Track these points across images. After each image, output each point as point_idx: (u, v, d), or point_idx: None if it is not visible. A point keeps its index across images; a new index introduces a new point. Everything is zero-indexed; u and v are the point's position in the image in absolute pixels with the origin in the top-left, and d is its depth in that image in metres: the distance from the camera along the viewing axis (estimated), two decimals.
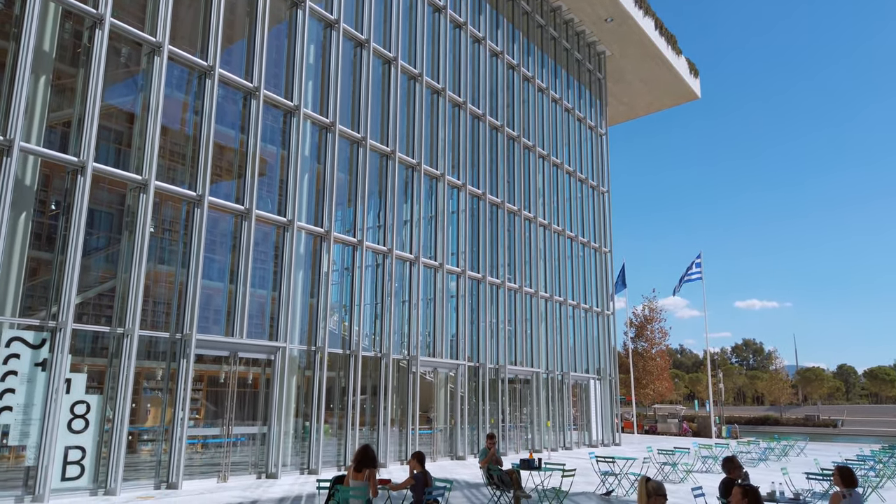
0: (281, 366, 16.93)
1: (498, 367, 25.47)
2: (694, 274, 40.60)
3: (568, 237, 31.43)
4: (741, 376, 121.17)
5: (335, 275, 19.97)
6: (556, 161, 31.27)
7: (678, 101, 39.64)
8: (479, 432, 23.55)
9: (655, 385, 57.11)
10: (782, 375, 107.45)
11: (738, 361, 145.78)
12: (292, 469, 17.18)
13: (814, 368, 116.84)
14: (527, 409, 27.30)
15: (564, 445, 28.61)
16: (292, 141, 18.57)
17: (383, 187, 21.78)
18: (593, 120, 35.02)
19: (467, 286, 24.52)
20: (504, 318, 26.33)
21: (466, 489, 14.78)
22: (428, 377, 23.03)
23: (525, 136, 29.32)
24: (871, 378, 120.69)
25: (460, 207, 25.06)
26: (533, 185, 29.43)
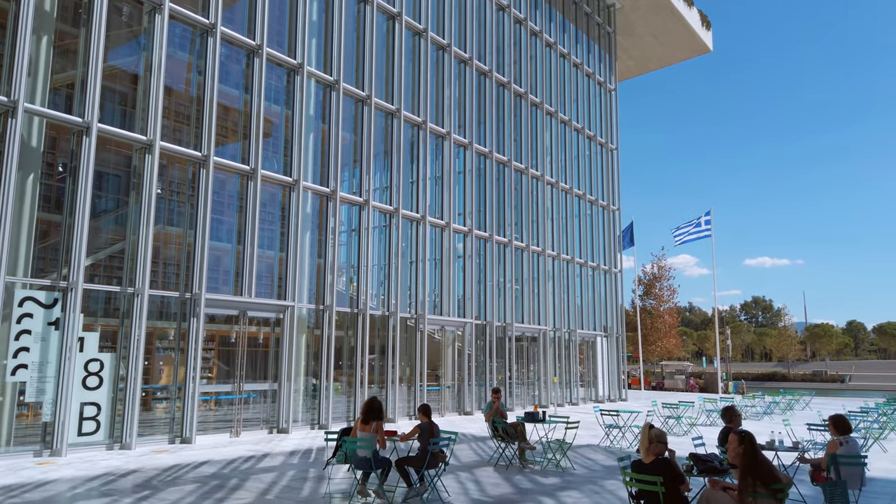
0: (290, 325, 17.17)
1: (505, 326, 25.71)
2: (703, 231, 40.40)
3: (576, 195, 31.29)
4: (750, 333, 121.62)
5: (342, 235, 20.08)
6: (564, 118, 30.92)
7: (690, 54, 38.86)
8: (487, 389, 23.91)
9: (663, 342, 57.47)
10: (791, 332, 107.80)
11: (748, 319, 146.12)
12: (303, 424, 17.59)
13: (823, 325, 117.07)
14: (534, 366, 27.64)
15: (571, 401, 29.03)
16: (296, 100, 18.45)
17: (389, 146, 21.68)
18: (602, 75, 34.47)
19: (474, 245, 24.58)
20: (511, 277, 26.45)
21: (473, 442, 15.12)
22: (436, 336, 23.31)
23: (532, 92, 28.95)
24: (880, 334, 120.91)
25: (467, 166, 24.94)
26: (540, 143, 29.18)
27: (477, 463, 12.02)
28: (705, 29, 37.32)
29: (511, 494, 9.24)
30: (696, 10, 36.62)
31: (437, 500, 8.65)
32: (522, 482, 10.17)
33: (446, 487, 9.39)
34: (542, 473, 10.98)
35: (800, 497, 8.82)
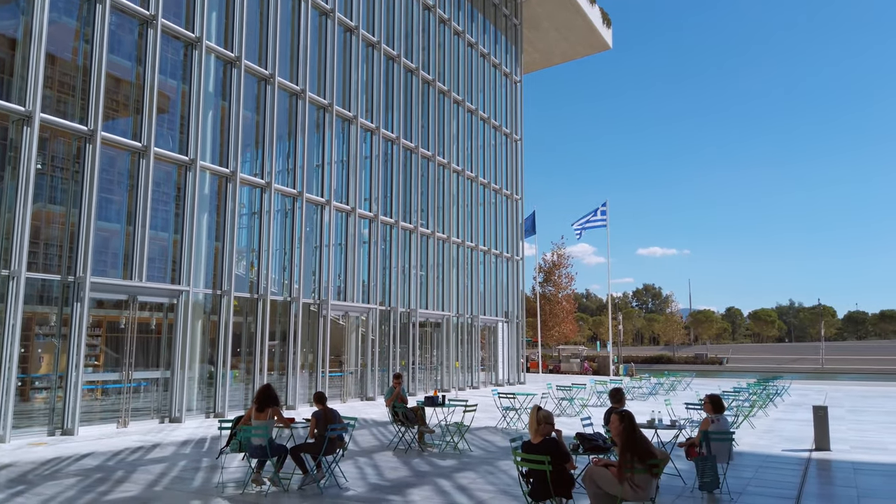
0: (184, 310, 16.52)
1: (409, 311, 25.89)
2: (599, 221, 42.23)
3: (481, 184, 31.83)
4: (640, 319, 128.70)
5: (243, 218, 19.47)
6: (471, 107, 31.31)
7: (591, 50, 40.28)
8: (390, 374, 24.03)
9: (561, 327, 59.73)
10: (677, 318, 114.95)
11: (639, 305, 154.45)
12: (198, 413, 17.02)
13: (705, 311, 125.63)
14: (437, 351, 28.03)
15: (472, 385, 29.70)
16: (194, 75, 17.63)
17: (293, 128, 21.17)
18: (509, 67, 35.12)
19: (380, 231, 24.52)
20: (416, 263, 26.63)
21: (373, 427, 15.20)
22: (340, 321, 23.14)
23: (440, 80, 29.10)
24: (754, 319, 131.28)
25: (374, 151, 24.78)
26: (448, 131, 29.42)
27: (376, 448, 12.12)
28: (606, 26, 38.80)
29: (409, 477, 9.40)
30: (597, 8, 37.97)
31: (335, 486, 8.68)
32: (421, 465, 10.37)
33: (344, 473, 9.43)
34: (441, 456, 11.23)
35: (675, 471, 9.52)
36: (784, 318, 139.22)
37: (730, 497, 8.31)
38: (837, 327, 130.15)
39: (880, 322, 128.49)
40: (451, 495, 8.32)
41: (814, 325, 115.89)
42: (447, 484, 8.99)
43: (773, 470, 10.33)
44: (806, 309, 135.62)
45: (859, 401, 24.53)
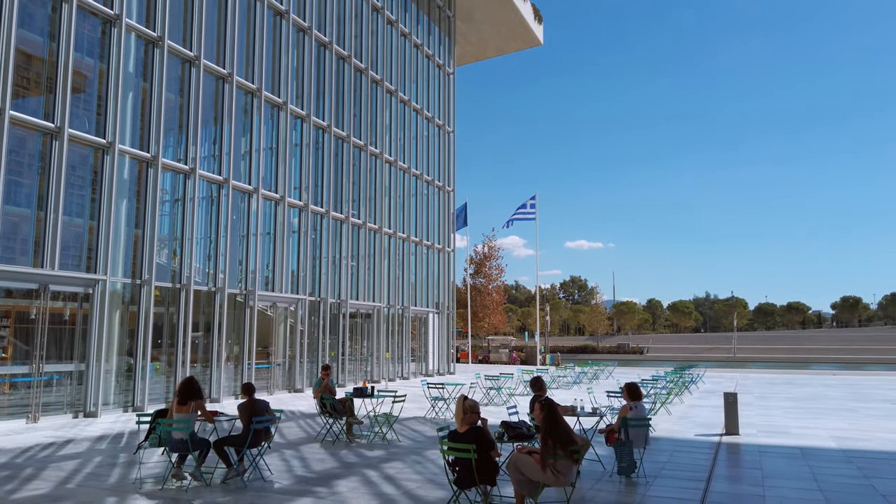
0: (101, 300, 15.80)
1: (339, 302, 25.66)
2: (528, 214, 43.02)
3: (413, 175, 31.80)
4: (567, 310, 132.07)
5: (165, 205, 18.75)
6: (404, 97, 31.19)
7: (523, 45, 40.83)
8: (319, 366, 23.77)
9: (491, 318, 60.57)
10: (601, 309, 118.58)
11: (566, 297, 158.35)
12: (115, 408, 16.35)
13: (627, 302, 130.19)
14: (367, 342, 27.92)
15: (402, 376, 29.76)
16: (113, 54, 16.80)
17: (219, 113, 20.53)
18: (442, 58, 35.16)
19: (310, 220, 24.14)
20: (347, 254, 26.40)
21: (301, 419, 15.03)
22: (267, 312, 22.69)
23: (373, 69, 28.83)
24: (673, 311, 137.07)
25: (304, 139, 24.34)
26: (380, 121, 29.22)
27: (304, 440, 12.00)
28: (537, 22, 39.41)
29: (336, 469, 9.37)
30: (529, 4, 38.50)
31: (259, 479, 8.55)
32: (348, 456, 10.35)
33: (269, 466, 9.30)
34: (369, 447, 11.23)
35: (596, 457, 9.88)
36: (700, 309, 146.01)
37: (645, 480, 8.69)
38: (749, 318, 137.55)
39: (787, 313, 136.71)
40: (378, 485, 8.35)
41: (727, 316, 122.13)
42: (375, 474, 9.02)
43: (686, 454, 10.87)
44: (720, 301, 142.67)
45: (767, 388, 26.07)
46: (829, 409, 18.17)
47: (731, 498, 7.83)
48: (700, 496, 7.87)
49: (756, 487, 8.36)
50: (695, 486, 8.43)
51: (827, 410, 17.71)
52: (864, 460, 10.35)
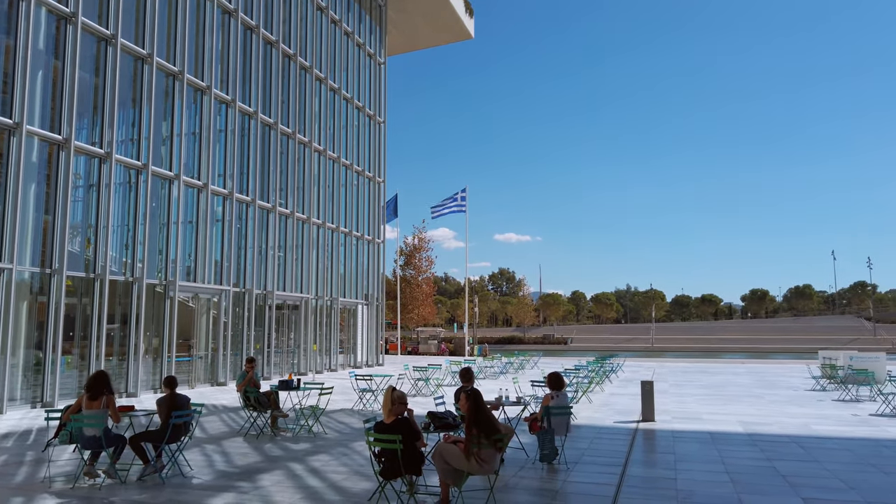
0: (5, 290, 14.88)
1: (266, 293, 25.12)
2: (458, 206, 43.30)
3: (343, 164, 31.42)
4: (495, 302, 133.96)
5: (78, 190, 17.81)
6: (334, 86, 30.73)
7: (454, 38, 40.91)
8: (243, 358, 23.23)
9: (420, 310, 60.77)
10: (528, 301, 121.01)
11: (494, 288, 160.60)
12: (22, 403, 15.47)
13: (553, 294, 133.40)
14: (294, 334, 27.47)
15: (330, 368, 29.47)
16: (21, 29, 15.77)
17: (138, 95, 19.63)
18: (373, 47, 34.82)
19: (235, 209, 23.48)
20: (274, 244, 25.84)
21: (224, 413, 14.67)
22: (189, 303, 21.95)
23: (302, 55, 28.25)
24: (596, 302, 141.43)
25: (229, 125, 23.62)
26: (309, 109, 28.69)
27: (226, 434, 11.72)
28: (468, 16, 39.59)
29: (259, 463, 9.21)
30: None
31: (178, 476, 8.31)
32: (273, 450, 10.19)
33: (189, 462, 9.04)
34: (294, 440, 11.09)
35: (520, 445, 10.12)
36: (621, 301, 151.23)
37: (566, 466, 8.98)
38: (666, 310, 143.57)
39: (701, 305, 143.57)
40: (302, 478, 8.27)
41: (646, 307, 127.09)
42: (300, 467, 8.93)
43: (605, 440, 11.30)
44: (640, 293, 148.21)
45: (682, 376, 27.35)
46: (737, 395, 19.25)
47: (645, 482, 8.20)
48: (617, 481, 8.21)
49: (669, 471, 8.79)
50: (612, 471, 8.78)
51: (735, 397, 18.76)
52: (767, 443, 11.05)
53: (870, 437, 11.73)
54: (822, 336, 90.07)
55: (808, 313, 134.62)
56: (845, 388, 19.59)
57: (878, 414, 14.78)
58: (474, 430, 6.43)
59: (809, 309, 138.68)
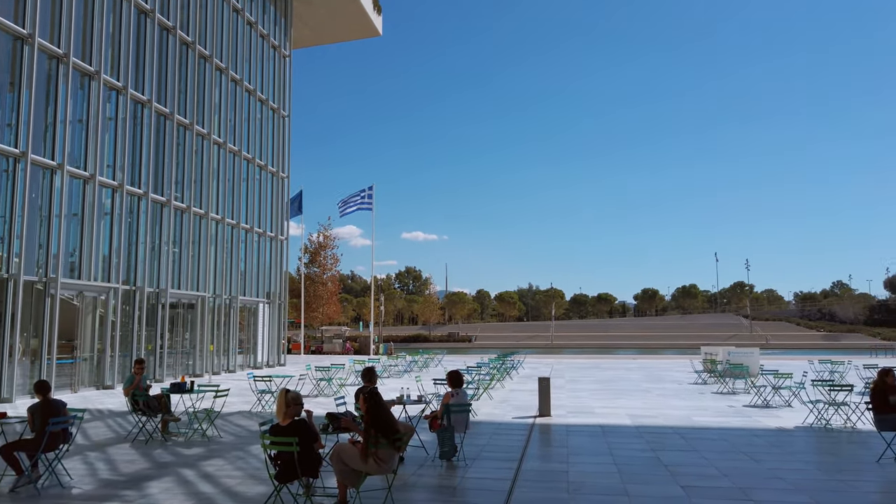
0: None
1: (159, 291, 23.93)
2: (365, 204, 43.03)
3: (245, 158, 30.43)
4: (401, 300, 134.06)
5: None
6: (236, 76, 29.70)
7: (362, 34, 40.61)
8: (133, 360, 22.02)
9: (325, 308, 59.89)
10: (434, 299, 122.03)
11: (401, 287, 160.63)
12: None
13: (459, 293, 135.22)
14: (189, 334, 26.34)
15: (229, 369, 28.49)
16: None
17: (17, 77, 18.18)
18: (277, 39, 33.93)
19: (125, 202, 22.22)
20: (169, 240, 24.66)
21: (110, 418, 13.85)
22: (73, 301, 20.55)
23: (202, 44, 27.11)
24: (500, 301, 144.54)
25: (119, 114, 22.30)
26: (209, 100, 27.58)
27: (112, 441, 11.09)
28: (376, 13, 39.40)
29: (147, 470, 8.78)
30: None
31: (56, 486, 7.79)
32: (163, 456, 9.75)
33: (69, 471, 8.49)
34: (187, 445, 10.66)
35: (420, 443, 10.21)
36: (524, 299, 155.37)
37: (465, 463, 9.16)
38: (565, 308, 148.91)
39: (598, 303, 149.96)
40: (194, 484, 7.97)
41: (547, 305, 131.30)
42: (191, 473, 8.59)
43: (504, 436, 11.61)
44: (541, 292, 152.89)
45: (577, 371, 28.50)
46: (627, 389, 20.30)
47: (539, 475, 8.50)
48: (513, 475, 8.46)
49: (561, 464, 9.15)
50: (509, 465, 9.04)
51: (625, 391, 19.78)
52: (652, 435, 11.73)
53: (743, 426, 12.71)
54: (705, 333, 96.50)
55: (694, 311, 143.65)
56: (723, 382, 21.11)
57: (751, 405, 16.03)
58: (372, 431, 6.44)
59: (694, 307, 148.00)
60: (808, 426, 12.62)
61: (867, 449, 10.31)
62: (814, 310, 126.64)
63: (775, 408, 15.39)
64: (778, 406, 15.65)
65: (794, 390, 16.20)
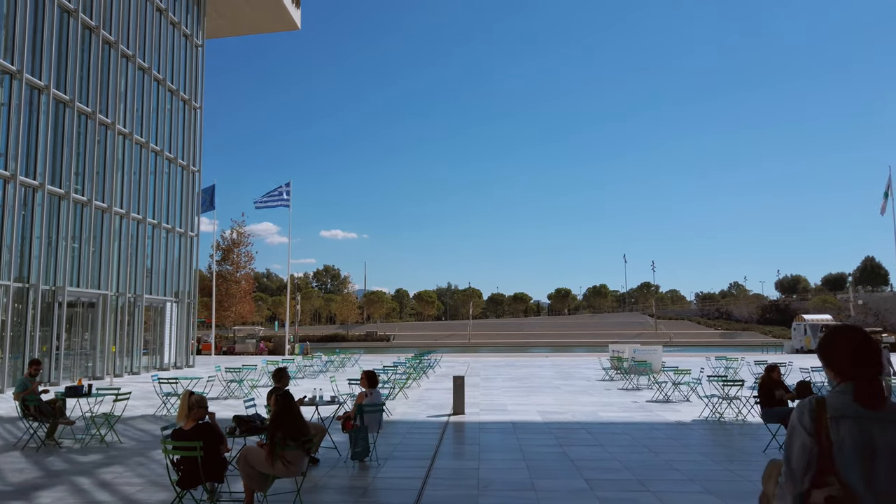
0: None
1: (55, 289, 22.51)
2: (282, 201, 42.10)
3: (153, 150, 29.09)
4: (319, 299, 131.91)
5: None
6: (144, 65, 28.35)
7: (280, 27, 39.67)
8: (26, 362, 20.62)
9: (238, 307, 58.17)
10: (352, 298, 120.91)
11: (318, 286, 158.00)
12: None
13: (378, 292, 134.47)
14: (90, 334, 24.92)
15: (132, 371, 27.17)
16: None
17: None
18: (190, 28, 32.64)
19: (18, 194, 20.76)
20: (67, 235, 23.24)
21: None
22: None
23: (106, 29, 25.71)
24: (418, 300, 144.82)
25: (13, 99, 20.83)
26: (114, 88, 26.19)
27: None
28: (294, 6, 38.60)
29: (38, 479, 8.27)
30: None
31: None
32: (56, 463, 9.20)
33: None
34: (83, 451, 10.10)
35: (332, 444, 10.13)
36: (442, 298, 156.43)
37: (378, 463, 9.16)
38: (483, 307, 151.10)
39: (514, 303, 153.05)
40: (90, 493, 7.58)
41: (465, 305, 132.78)
42: (87, 481, 8.16)
43: (417, 434, 11.68)
44: (460, 291, 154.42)
45: (492, 370, 29.02)
46: (539, 386, 20.87)
47: (450, 472, 8.62)
48: (424, 474, 8.54)
49: (472, 461, 9.32)
50: (421, 464, 9.12)
51: (537, 388, 20.32)
52: (560, 431, 12.13)
53: (645, 421, 13.35)
54: (614, 331, 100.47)
55: (604, 310, 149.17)
56: (628, 378, 22.08)
57: (653, 400, 16.86)
58: (280, 433, 6.34)
59: (605, 306, 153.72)
60: (704, 419, 13.41)
61: (755, 440, 11.08)
62: (713, 309, 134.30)
63: (675, 402, 16.25)
64: (677, 401, 16.53)
65: (692, 386, 17.15)
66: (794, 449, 2.47)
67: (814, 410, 2.45)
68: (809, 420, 2.45)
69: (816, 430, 2.42)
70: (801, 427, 2.46)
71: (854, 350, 2.51)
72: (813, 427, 2.43)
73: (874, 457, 2.35)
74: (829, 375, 2.60)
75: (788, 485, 2.47)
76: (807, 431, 2.44)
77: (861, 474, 2.34)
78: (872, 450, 2.36)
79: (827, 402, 2.46)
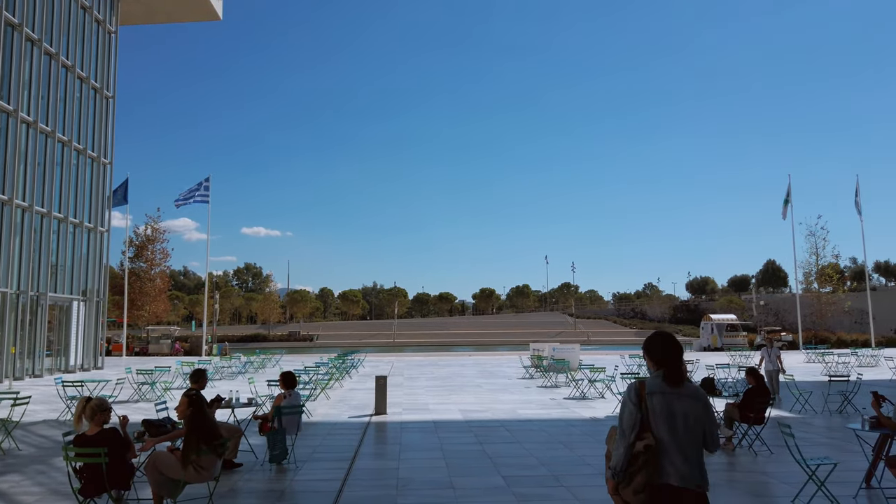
0: None
1: None
2: (200, 196, 40.67)
3: (60, 141, 27.49)
4: (239, 298, 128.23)
5: None
6: (51, 50, 26.75)
7: (199, 17, 38.24)
8: None
9: (152, 306, 55.77)
10: (275, 297, 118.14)
11: (239, 284, 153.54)
12: None
13: (301, 291, 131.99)
14: None
15: (34, 373, 25.60)
16: None
17: None
18: (102, 13, 31.04)
19: None
20: None
21: None
22: None
23: (9, 10, 24.10)
24: (343, 299, 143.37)
25: None
26: (17, 74, 24.59)
27: None
28: None
29: None
30: None
31: None
32: None
33: None
34: None
35: (248, 447, 9.89)
36: (367, 297, 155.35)
37: (296, 465, 9.03)
38: (408, 306, 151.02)
39: (439, 302, 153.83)
40: None
41: (390, 304, 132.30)
42: None
43: (338, 435, 11.59)
44: (385, 290, 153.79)
45: (416, 369, 29.10)
46: (461, 385, 21.10)
47: (370, 473, 8.62)
48: (343, 475, 8.49)
49: (393, 461, 9.34)
50: (341, 465, 9.06)
51: (460, 387, 20.55)
52: (481, 429, 12.32)
53: (562, 418, 13.75)
54: (535, 330, 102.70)
55: (526, 310, 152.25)
56: (547, 376, 22.65)
57: (570, 397, 17.38)
58: (193, 437, 6.16)
59: (527, 306, 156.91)
60: (617, 415, 13.93)
61: None
62: (628, 309, 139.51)
63: (591, 399, 16.81)
64: (593, 398, 17.11)
65: (606, 383, 17.78)
66: (624, 415, 3.49)
67: (637, 389, 3.48)
68: (635, 395, 3.48)
69: (639, 401, 3.45)
70: (629, 400, 3.49)
71: (664, 347, 3.52)
72: (637, 400, 3.45)
73: (674, 418, 3.39)
74: (649, 364, 3.60)
75: (621, 440, 3.45)
76: (633, 403, 3.46)
77: (666, 430, 3.38)
78: (673, 414, 3.39)
79: (646, 383, 3.49)
